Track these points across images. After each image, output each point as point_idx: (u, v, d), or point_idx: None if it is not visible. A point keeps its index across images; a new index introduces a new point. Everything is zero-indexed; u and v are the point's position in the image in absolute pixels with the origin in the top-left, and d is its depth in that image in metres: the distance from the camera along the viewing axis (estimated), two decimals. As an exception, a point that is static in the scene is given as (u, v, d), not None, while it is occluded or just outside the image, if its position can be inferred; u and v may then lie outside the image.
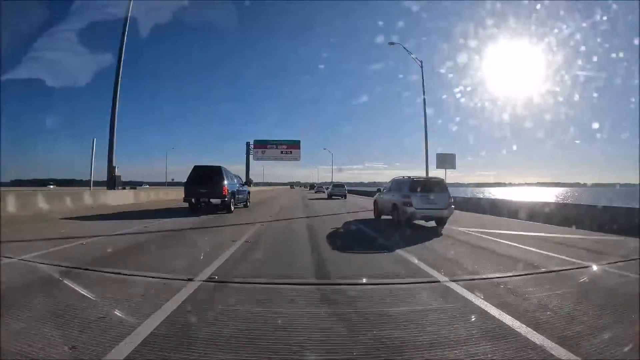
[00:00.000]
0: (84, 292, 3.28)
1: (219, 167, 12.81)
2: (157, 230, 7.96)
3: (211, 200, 12.00)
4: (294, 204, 19.49)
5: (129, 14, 19.12)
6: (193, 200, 12.14)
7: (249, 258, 5.03)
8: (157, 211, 12.77)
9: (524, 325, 2.62)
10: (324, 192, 40.46)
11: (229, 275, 4.00)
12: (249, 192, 16.15)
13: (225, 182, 12.27)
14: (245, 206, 15.21)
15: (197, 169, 12.76)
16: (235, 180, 14.05)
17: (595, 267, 4.83)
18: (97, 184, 21.97)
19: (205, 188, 11.95)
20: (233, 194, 12.70)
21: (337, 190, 28.77)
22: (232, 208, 12.47)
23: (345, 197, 27.95)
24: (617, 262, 5.12)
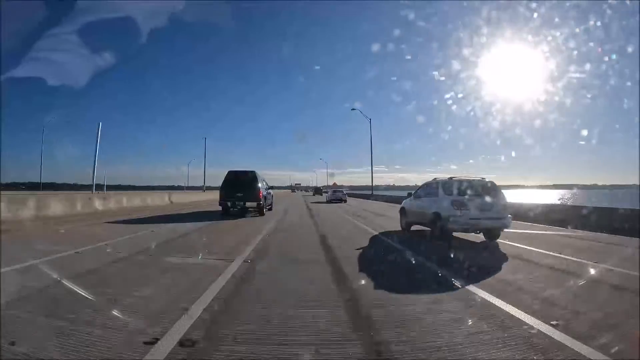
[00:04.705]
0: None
1: (253, 171, 13.27)
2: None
3: (246, 203, 12.37)
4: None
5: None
6: (228, 203, 12.54)
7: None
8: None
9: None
10: (345, 200, 27.11)
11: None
12: (272, 195, 16.61)
13: (260, 185, 12.74)
14: (270, 209, 15.57)
15: (231, 173, 13.12)
16: (265, 184, 14.52)
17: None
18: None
19: (241, 192, 12.32)
20: (265, 197, 13.18)
21: None
22: (265, 211, 12.95)
23: None
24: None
